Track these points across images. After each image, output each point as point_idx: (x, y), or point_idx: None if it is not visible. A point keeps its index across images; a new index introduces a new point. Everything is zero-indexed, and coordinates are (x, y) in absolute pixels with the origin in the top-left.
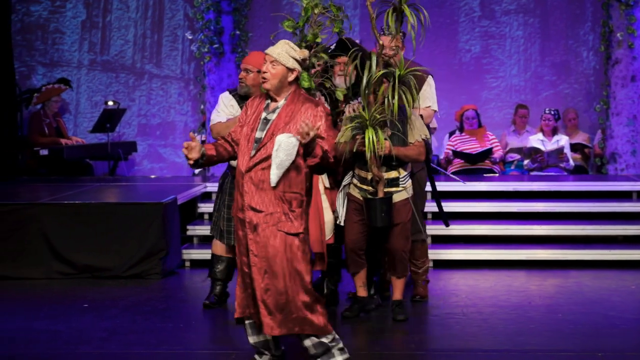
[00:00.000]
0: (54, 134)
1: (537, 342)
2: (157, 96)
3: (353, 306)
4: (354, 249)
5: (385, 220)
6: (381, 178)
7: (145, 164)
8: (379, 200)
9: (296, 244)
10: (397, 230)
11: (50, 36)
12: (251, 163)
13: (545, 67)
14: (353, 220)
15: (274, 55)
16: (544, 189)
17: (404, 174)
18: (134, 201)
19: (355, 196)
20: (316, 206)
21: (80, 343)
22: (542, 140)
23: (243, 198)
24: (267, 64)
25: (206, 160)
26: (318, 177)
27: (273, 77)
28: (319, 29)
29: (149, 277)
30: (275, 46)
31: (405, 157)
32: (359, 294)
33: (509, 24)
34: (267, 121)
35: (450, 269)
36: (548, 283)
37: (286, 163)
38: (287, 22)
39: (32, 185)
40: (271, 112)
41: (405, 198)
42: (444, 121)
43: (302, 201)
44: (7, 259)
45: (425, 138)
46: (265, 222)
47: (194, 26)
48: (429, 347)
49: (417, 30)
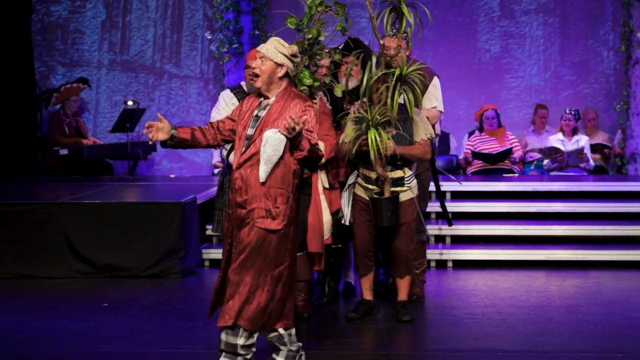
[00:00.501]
0: (73, 134)
1: (557, 342)
2: (176, 96)
3: (358, 308)
4: (364, 251)
5: (391, 219)
6: (386, 178)
7: (164, 163)
8: (385, 200)
9: (273, 241)
10: (401, 230)
11: (70, 36)
12: (241, 160)
13: (565, 67)
14: (361, 221)
15: (263, 51)
16: (564, 189)
17: (410, 174)
18: (154, 201)
19: (361, 196)
20: (315, 206)
21: (100, 342)
22: (562, 140)
23: (234, 195)
24: (256, 60)
25: (177, 142)
26: (317, 177)
27: (263, 73)
28: (322, 27)
29: (168, 277)
30: (265, 43)
31: (411, 157)
32: (364, 297)
33: (528, 24)
34: (257, 118)
35: (470, 269)
36: (568, 283)
37: (274, 158)
38: (290, 19)
39: (52, 184)
40: (262, 109)
41: (411, 198)
42: (463, 121)
43: (287, 197)
44: (28, 258)
45: (430, 137)
46: (247, 218)
47: (213, 26)
48: (448, 347)
49: (417, 29)
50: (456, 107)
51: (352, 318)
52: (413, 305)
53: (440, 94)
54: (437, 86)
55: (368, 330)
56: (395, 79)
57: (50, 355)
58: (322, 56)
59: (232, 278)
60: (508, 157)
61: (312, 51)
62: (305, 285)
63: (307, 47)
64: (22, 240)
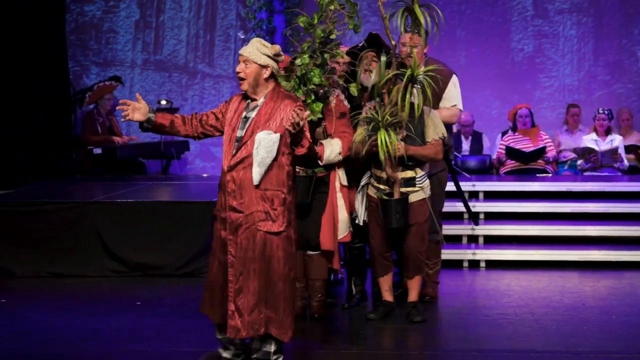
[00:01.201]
0: (106, 133)
1: (590, 343)
2: (209, 95)
3: (378, 309)
4: (380, 252)
5: (400, 221)
6: (396, 179)
7: (197, 162)
8: (393, 202)
9: (275, 243)
10: (412, 231)
11: (104, 36)
12: (232, 162)
13: (598, 67)
14: (376, 222)
15: (246, 54)
16: (598, 189)
17: (421, 174)
18: (186, 200)
19: (373, 197)
20: (331, 204)
21: (131, 341)
22: (596, 140)
23: (225, 198)
24: (240, 64)
25: (154, 126)
26: (335, 174)
27: (248, 76)
28: (334, 26)
29: (200, 276)
30: (247, 45)
31: (422, 157)
32: (384, 298)
33: (562, 23)
34: (247, 119)
35: (503, 270)
36: (601, 284)
37: (267, 160)
38: (302, 18)
39: (86, 184)
40: (251, 111)
41: (422, 198)
42: (496, 121)
43: (284, 199)
44: (61, 256)
45: (442, 137)
46: (246, 223)
47: (246, 26)
48: (480, 347)
49: (432, 29)
50: (489, 107)
51: (372, 319)
52: (425, 305)
53: (459, 91)
54: (456, 84)
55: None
56: (406, 79)
57: (83, 354)
58: (336, 54)
59: (250, 286)
60: (541, 156)
61: (324, 49)
62: (322, 285)
63: (319, 45)
64: (56, 239)
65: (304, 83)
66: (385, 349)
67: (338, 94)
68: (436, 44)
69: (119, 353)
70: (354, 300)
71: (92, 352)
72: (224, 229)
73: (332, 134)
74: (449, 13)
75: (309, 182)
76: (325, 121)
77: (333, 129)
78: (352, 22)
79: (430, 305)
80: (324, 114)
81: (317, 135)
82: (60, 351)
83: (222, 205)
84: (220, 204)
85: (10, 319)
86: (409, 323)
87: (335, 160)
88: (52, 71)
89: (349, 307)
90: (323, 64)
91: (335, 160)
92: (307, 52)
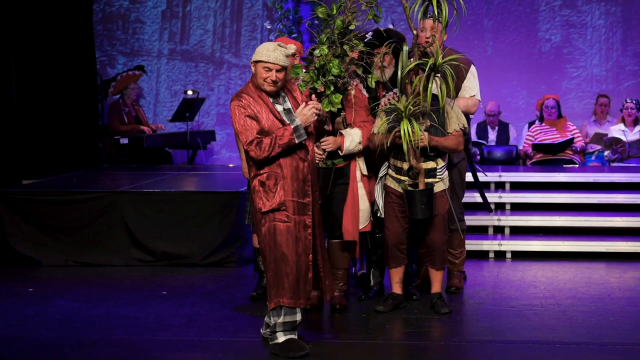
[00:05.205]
0: (133, 123)
1: (617, 335)
2: (235, 85)
3: (387, 301)
4: (396, 244)
5: (425, 212)
6: (420, 170)
7: (223, 152)
8: (418, 192)
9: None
10: (435, 222)
11: (130, 26)
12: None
13: (627, 57)
14: (393, 214)
15: (281, 64)
16: (625, 180)
17: (442, 165)
18: (212, 190)
19: (392, 188)
20: (352, 194)
21: (159, 329)
22: (624, 131)
23: (306, 183)
24: (272, 72)
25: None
26: (356, 164)
27: (281, 81)
28: (353, 16)
29: (226, 265)
30: (274, 54)
31: (444, 148)
32: (394, 290)
33: (590, 13)
34: (288, 111)
35: (529, 260)
36: (628, 275)
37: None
38: (320, 9)
39: (113, 173)
40: (283, 102)
41: (443, 189)
42: (523, 111)
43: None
44: (88, 245)
45: (463, 127)
46: (315, 202)
47: (273, 16)
48: (506, 338)
49: (452, 19)
50: (516, 97)
51: (380, 311)
52: (450, 296)
53: (478, 82)
54: (475, 74)
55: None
56: (428, 68)
57: (110, 342)
58: (355, 45)
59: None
60: (569, 146)
61: (343, 40)
62: (345, 274)
63: (338, 36)
64: (83, 228)
65: (322, 74)
66: (409, 340)
67: (357, 83)
68: (461, 34)
69: (148, 342)
70: (371, 292)
71: (121, 341)
72: (299, 212)
73: (351, 124)
74: (476, 3)
75: (328, 174)
76: (345, 111)
77: (353, 119)
78: (371, 12)
79: (455, 296)
80: (343, 104)
81: (337, 125)
82: (91, 339)
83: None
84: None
85: (38, 307)
86: (434, 314)
87: (355, 150)
88: (79, 61)
89: (366, 298)
90: (342, 54)
91: (355, 150)
92: (325, 42)
